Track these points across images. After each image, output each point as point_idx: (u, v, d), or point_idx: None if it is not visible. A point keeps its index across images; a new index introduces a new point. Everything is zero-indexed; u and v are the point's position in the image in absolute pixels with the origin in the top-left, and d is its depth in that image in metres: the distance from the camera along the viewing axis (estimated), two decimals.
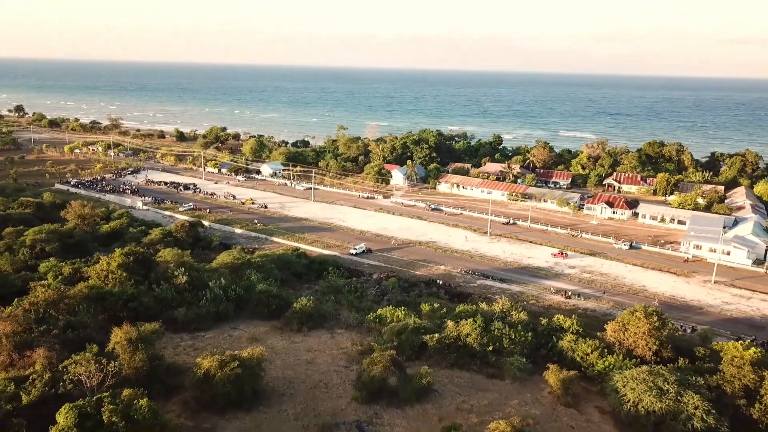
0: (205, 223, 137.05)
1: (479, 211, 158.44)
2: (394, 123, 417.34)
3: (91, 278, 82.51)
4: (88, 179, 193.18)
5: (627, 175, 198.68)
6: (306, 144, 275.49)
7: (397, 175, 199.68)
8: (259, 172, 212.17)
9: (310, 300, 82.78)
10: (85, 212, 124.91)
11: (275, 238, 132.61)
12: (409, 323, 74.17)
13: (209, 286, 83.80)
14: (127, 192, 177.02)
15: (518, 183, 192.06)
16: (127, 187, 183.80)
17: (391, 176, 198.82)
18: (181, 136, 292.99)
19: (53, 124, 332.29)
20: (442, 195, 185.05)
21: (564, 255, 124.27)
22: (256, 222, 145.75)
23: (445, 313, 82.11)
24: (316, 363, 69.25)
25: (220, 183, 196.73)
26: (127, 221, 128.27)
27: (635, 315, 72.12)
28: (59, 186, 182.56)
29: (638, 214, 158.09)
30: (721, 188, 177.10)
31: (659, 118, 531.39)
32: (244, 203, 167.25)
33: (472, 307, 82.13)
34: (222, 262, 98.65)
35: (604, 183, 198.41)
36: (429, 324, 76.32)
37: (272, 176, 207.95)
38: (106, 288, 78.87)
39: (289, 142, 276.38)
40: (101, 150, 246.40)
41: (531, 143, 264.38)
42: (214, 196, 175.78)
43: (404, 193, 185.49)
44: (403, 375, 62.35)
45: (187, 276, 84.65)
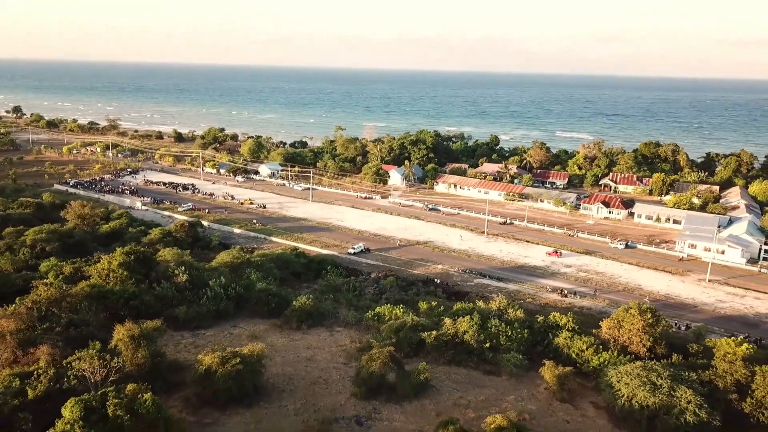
0: (204, 223, 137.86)
1: (476, 211, 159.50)
2: (392, 124, 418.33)
3: (93, 277, 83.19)
4: (86, 180, 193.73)
5: (623, 175, 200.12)
6: (304, 145, 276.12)
7: (395, 176, 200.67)
8: (257, 173, 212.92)
9: (309, 298, 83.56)
10: (84, 212, 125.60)
11: (274, 238, 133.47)
12: (407, 321, 74.95)
13: (209, 284, 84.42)
14: (126, 192, 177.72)
15: (515, 183, 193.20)
16: (126, 187, 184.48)
17: (389, 177, 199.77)
18: (180, 137, 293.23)
19: (51, 125, 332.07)
20: (440, 195, 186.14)
21: (558, 254, 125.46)
22: (254, 222, 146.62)
23: (443, 311, 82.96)
24: (316, 360, 70.10)
25: (219, 183, 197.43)
26: (126, 221, 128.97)
27: (630, 312, 73.14)
28: (58, 186, 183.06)
29: (634, 214, 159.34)
30: (716, 188, 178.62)
31: (656, 118, 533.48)
32: (242, 203, 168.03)
33: (470, 305, 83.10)
34: (221, 261, 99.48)
35: (600, 183, 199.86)
36: (427, 322, 77.13)
37: (270, 177, 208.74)
38: (108, 287, 79.48)
39: (287, 143, 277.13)
40: (100, 151, 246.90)
41: (528, 144, 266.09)
42: (213, 197, 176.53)
43: (402, 193, 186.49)
44: (402, 371, 63.17)
45: (187, 275, 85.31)
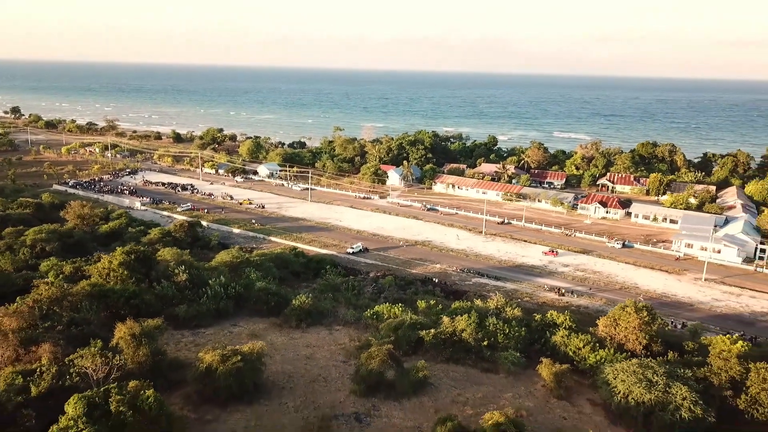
0: (204, 223, 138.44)
1: (474, 211, 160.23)
2: (390, 124, 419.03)
3: (93, 276, 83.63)
4: (86, 180, 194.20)
5: (620, 175, 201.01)
6: (302, 145, 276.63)
7: (394, 176, 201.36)
8: (256, 173, 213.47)
9: (308, 297, 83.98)
10: (84, 212, 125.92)
11: (273, 238, 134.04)
12: (406, 319, 75.49)
13: (209, 283, 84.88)
14: (125, 193, 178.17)
15: (513, 183, 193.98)
16: (125, 187, 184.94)
17: (388, 177, 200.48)
18: (178, 138, 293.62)
19: (50, 126, 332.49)
20: (438, 195, 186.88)
21: (555, 253, 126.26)
22: (253, 222, 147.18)
23: (441, 309, 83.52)
24: (315, 358, 70.62)
25: (218, 184, 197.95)
26: (126, 221, 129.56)
27: (626, 310, 73.69)
28: (57, 187, 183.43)
29: (631, 214, 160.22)
30: (713, 188, 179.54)
31: (653, 119, 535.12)
32: (241, 204, 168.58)
33: (468, 304, 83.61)
34: (221, 260, 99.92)
35: (597, 183, 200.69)
36: (425, 320, 77.66)
37: (269, 177, 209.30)
38: (108, 286, 79.96)
39: (285, 143, 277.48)
40: (98, 151, 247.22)
41: (526, 144, 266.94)
42: (212, 197, 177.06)
43: (400, 193, 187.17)
44: (400, 369, 63.73)
45: (187, 274, 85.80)
